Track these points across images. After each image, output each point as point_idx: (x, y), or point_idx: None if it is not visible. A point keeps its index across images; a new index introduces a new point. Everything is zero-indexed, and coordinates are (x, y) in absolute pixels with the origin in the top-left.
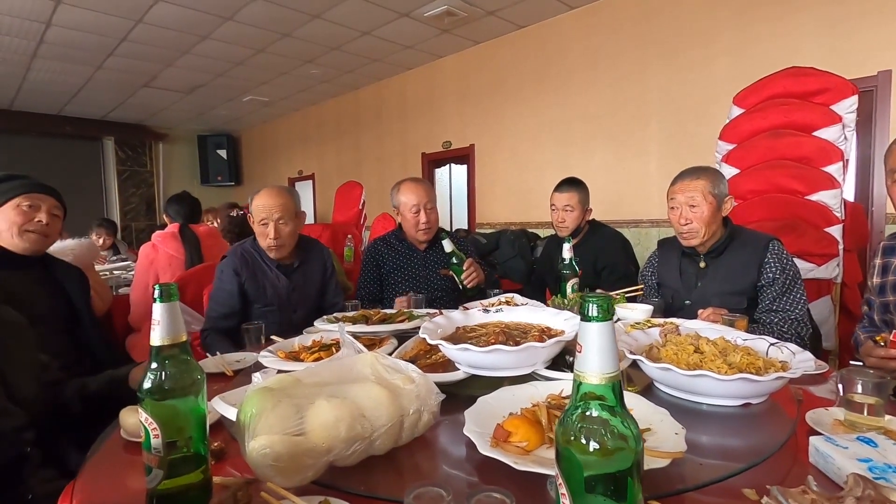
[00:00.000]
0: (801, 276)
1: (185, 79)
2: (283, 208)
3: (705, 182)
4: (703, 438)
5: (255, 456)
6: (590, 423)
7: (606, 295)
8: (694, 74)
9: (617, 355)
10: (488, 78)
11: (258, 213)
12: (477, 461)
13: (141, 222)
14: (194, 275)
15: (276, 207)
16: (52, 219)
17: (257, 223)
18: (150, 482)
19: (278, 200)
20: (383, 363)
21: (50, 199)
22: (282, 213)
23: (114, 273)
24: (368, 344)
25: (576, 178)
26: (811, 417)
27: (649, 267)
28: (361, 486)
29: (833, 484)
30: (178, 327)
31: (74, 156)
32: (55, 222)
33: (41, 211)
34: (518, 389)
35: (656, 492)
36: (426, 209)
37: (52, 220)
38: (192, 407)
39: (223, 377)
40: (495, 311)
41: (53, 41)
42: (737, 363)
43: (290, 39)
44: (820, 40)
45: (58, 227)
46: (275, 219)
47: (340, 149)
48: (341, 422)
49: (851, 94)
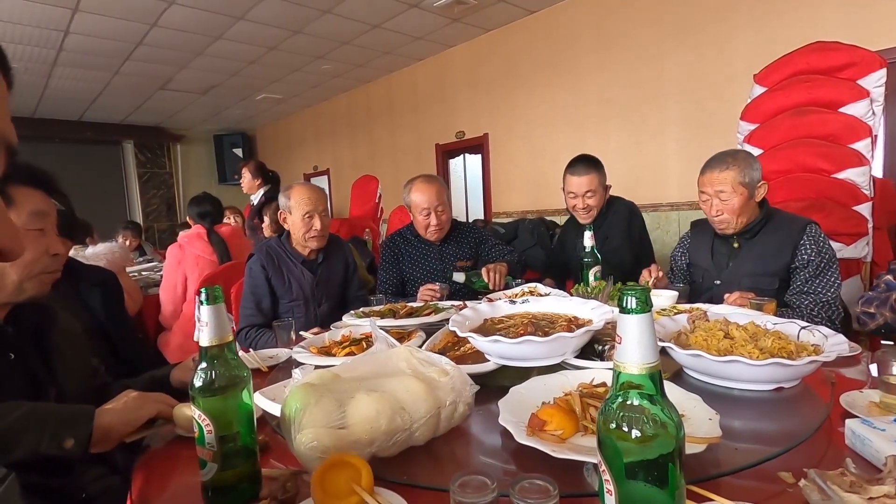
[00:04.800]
0: (836, 260)
1: (199, 80)
2: (323, 201)
3: (734, 173)
4: (736, 423)
5: (302, 449)
6: (630, 412)
7: (644, 286)
8: (712, 52)
9: (656, 346)
10: (500, 65)
11: (303, 205)
12: (512, 450)
13: (162, 223)
14: (221, 273)
15: (320, 200)
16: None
17: (301, 216)
18: (205, 475)
19: (319, 193)
20: (418, 357)
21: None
22: (324, 206)
23: (142, 274)
24: (397, 337)
25: (590, 155)
26: (845, 400)
27: (680, 248)
28: (404, 475)
29: (871, 466)
30: (224, 328)
31: (96, 160)
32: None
33: None
34: (549, 379)
35: (692, 477)
36: (437, 212)
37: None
38: (239, 402)
39: (258, 373)
40: (521, 301)
41: (72, 49)
42: (768, 348)
43: (302, 36)
44: (844, 11)
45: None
46: (319, 211)
47: (354, 143)
48: (382, 415)
49: (880, 68)
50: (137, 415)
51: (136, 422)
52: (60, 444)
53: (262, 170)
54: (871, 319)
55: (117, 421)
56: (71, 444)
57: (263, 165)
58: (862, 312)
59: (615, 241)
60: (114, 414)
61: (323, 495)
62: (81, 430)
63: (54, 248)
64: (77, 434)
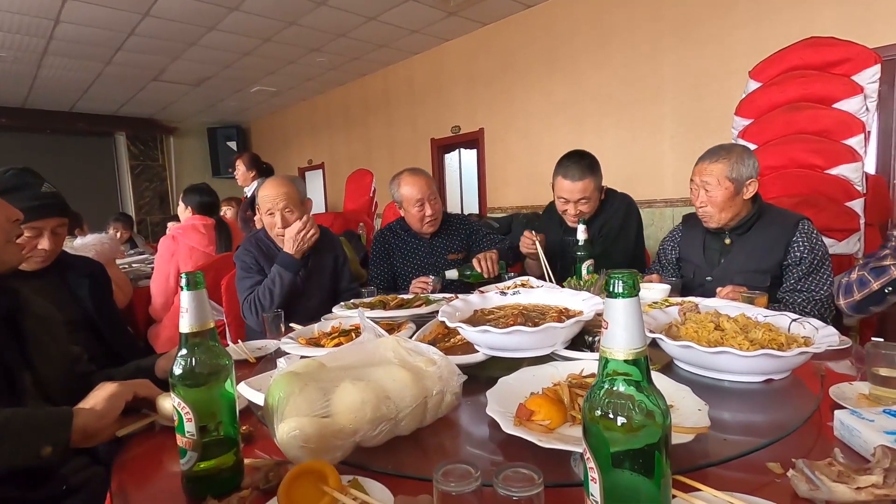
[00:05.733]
0: (829, 258)
1: (193, 71)
2: (287, 197)
3: (723, 166)
4: (725, 415)
5: (284, 438)
6: (616, 399)
7: (632, 271)
8: (709, 48)
9: (643, 331)
10: (496, 60)
11: (263, 203)
12: (500, 440)
13: (155, 216)
14: (212, 265)
15: (281, 197)
16: (56, 237)
17: (264, 214)
18: (185, 464)
19: (281, 190)
20: (405, 346)
21: (53, 220)
22: (286, 202)
23: (133, 266)
24: (387, 329)
25: (585, 153)
26: (835, 392)
27: (670, 241)
28: (388, 465)
29: (859, 457)
30: (205, 314)
31: (88, 152)
32: (59, 238)
33: (43, 237)
34: (538, 370)
35: (680, 467)
36: (430, 201)
37: (55, 240)
38: (221, 391)
39: (246, 364)
40: (512, 293)
41: (63, 38)
42: (759, 339)
43: (296, 27)
44: (840, 8)
45: (62, 240)
46: (280, 208)
47: (349, 137)
48: (367, 403)
49: (874, 64)
50: (113, 405)
51: (113, 412)
52: (38, 453)
53: (256, 161)
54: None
55: (93, 418)
56: (49, 451)
57: (257, 157)
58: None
59: (610, 236)
60: (90, 413)
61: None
62: (60, 436)
63: (13, 215)
64: (55, 440)
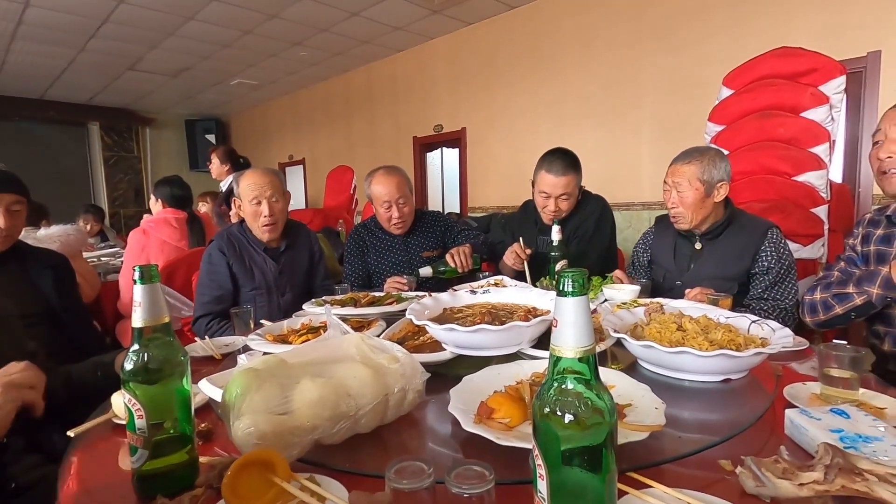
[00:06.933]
0: (795, 267)
1: (170, 61)
2: (272, 186)
3: (695, 168)
4: (684, 413)
5: (240, 435)
6: (565, 396)
7: (581, 270)
8: (687, 54)
9: (592, 329)
10: (480, 60)
11: (249, 191)
12: (462, 438)
13: (130, 209)
14: (184, 259)
15: (267, 185)
16: (12, 215)
17: (249, 203)
18: (135, 462)
19: (266, 178)
20: (369, 343)
21: (5, 196)
22: (273, 191)
23: (102, 260)
24: (357, 326)
25: (568, 150)
26: (789, 392)
27: (643, 244)
28: (347, 462)
29: (806, 454)
30: (159, 309)
31: (59, 141)
32: (15, 217)
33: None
34: (503, 368)
35: (635, 463)
36: (398, 204)
37: (10, 217)
38: (176, 388)
39: (212, 360)
40: (483, 292)
41: (32, 22)
42: (718, 340)
43: (278, 21)
44: (812, 20)
45: (20, 221)
46: (267, 196)
47: (331, 133)
48: (326, 400)
49: (839, 75)
50: None
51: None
52: None
53: (231, 155)
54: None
55: None
56: None
57: (233, 151)
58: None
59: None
60: None
61: (238, 501)
62: None
63: None
64: None
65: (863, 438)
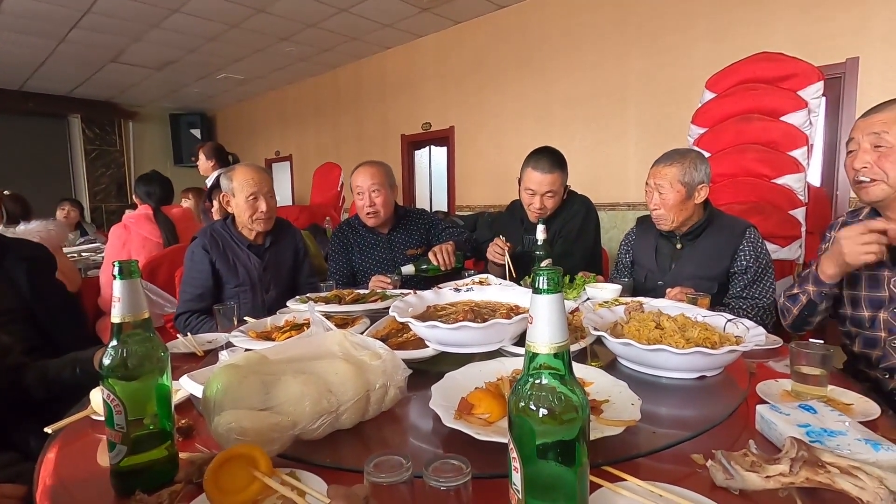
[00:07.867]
0: (772, 266)
1: (154, 54)
2: (269, 182)
3: (676, 170)
4: (660, 409)
5: (220, 430)
6: (539, 391)
7: (556, 268)
8: (672, 58)
9: (566, 326)
10: (469, 59)
11: (247, 187)
12: (443, 434)
13: (112, 204)
14: (167, 256)
15: (265, 181)
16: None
17: (245, 198)
18: (113, 458)
19: (264, 174)
20: (351, 340)
21: None
22: (269, 187)
23: (82, 255)
24: (341, 323)
25: (555, 149)
26: (761, 389)
27: (625, 244)
28: (328, 458)
29: (775, 448)
30: (138, 304)
31: (38, 134)
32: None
33: None
34: (485, 365)
35: (609, 457)
36: (371, 193)
37: None
38: (155, 384)
39: (194, 357)
40: (466, 290)
41: (10, 11)
42: (694, 338)
43: (265, 15)
44: (793, 26)
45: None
46: (264, 192)
47: (319, 129)
48: (307, 396)
49: (817, 80)
50: None
51: None
52: None
53: (219, 152)
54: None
55: None
56: None
57: (221, 147)
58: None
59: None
60: None
61: (220, 494)
62: None
63: None
64: None
65: (828, 433)
